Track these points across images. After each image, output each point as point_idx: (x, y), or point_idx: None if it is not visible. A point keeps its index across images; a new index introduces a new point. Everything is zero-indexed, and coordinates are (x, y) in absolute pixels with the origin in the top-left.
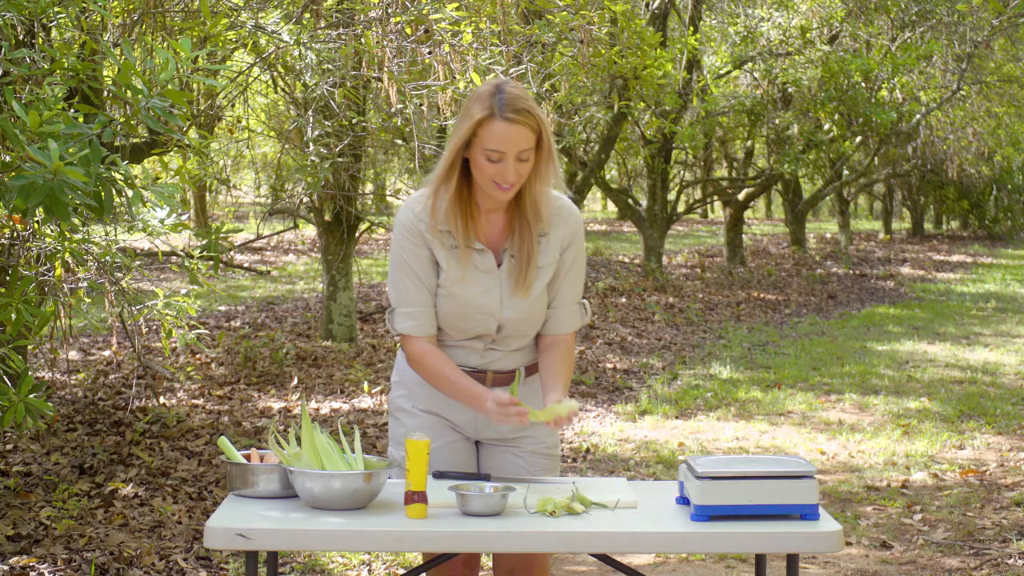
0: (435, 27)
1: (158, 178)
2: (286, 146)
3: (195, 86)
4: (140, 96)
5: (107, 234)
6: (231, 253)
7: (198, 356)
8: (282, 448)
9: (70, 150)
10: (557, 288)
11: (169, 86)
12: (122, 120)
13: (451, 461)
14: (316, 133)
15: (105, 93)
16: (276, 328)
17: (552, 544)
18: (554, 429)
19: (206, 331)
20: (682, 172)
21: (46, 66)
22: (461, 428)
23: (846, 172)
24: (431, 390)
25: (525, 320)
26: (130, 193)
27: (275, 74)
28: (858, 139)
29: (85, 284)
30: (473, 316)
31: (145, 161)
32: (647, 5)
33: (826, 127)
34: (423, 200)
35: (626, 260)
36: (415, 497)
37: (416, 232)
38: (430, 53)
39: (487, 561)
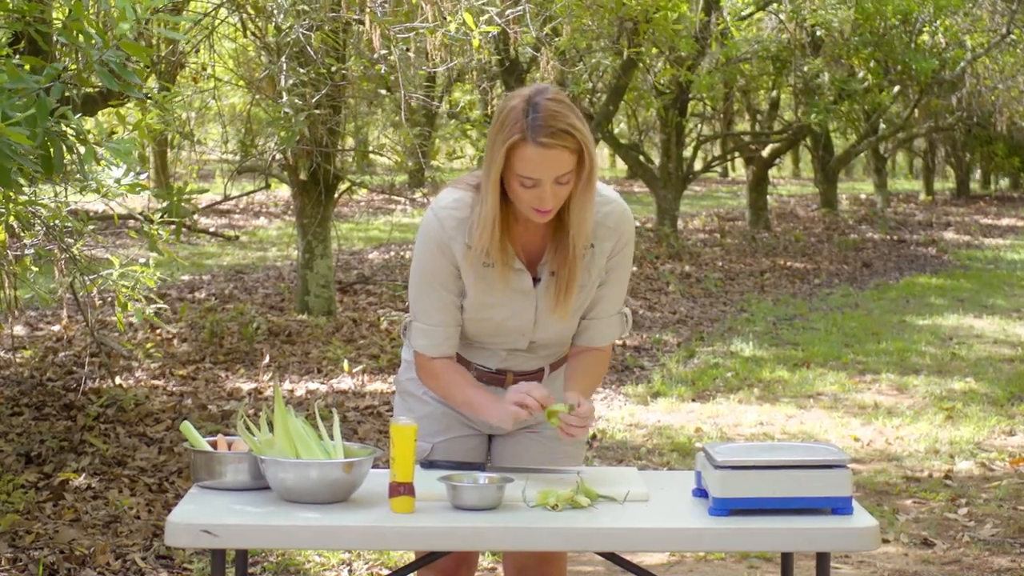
0: None
1: (114, 133)
2: (256, 97)
3: (156, 26)
4: (93, 44)
5: (56, 195)
6: (195, 216)
7: (158, 332)
8: (252, 434)
9: (15, 105)
10: (597, 298)
11: (127, 35)
12: (72, 68)
13: (459, 457)
14: (290, 82)
15: (55, 38)
16: (246, 300)
17: (554, 541)
18: (564, 438)
19: (165, 305)
20: (699, 126)
21: None
22: (473, 421)
23: (882, 126)
24: None
25: (559, 337)
26: (82, 150)
27: (244, 16)
28: (896, 89)
29: (32, 251)
30: (503, 336)
31: (100, 114)
32: None
33: (860, 75)
34: (455, 212)
35: (636, 224)
36: (401, 489)
37: (444, 245)
38: None
39: (483, 561)
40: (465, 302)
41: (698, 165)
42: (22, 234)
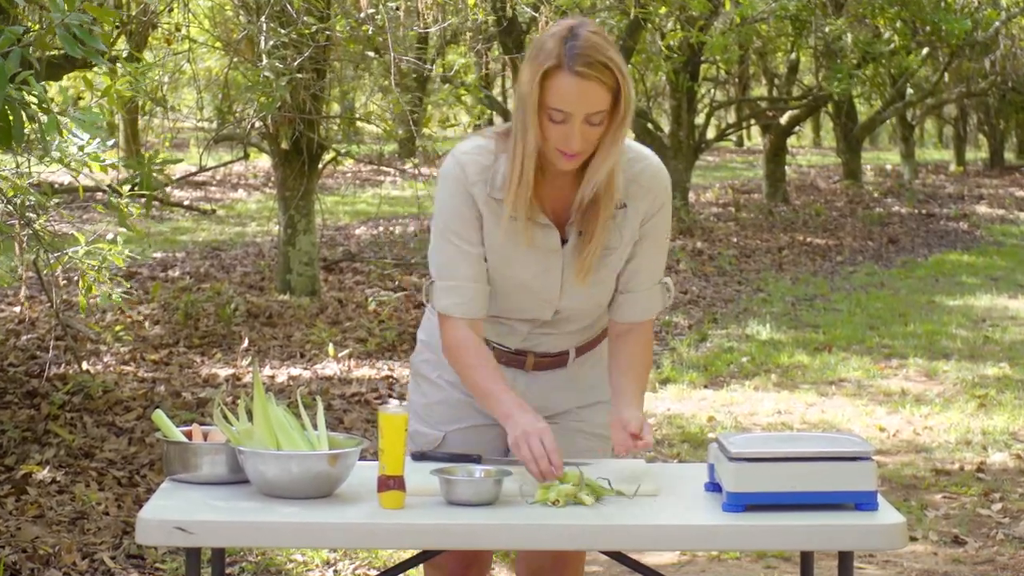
0: None
1: (80, 99)
2: (234, 60)
3: None
4: (57, 5)
5: (18, 166)
6: (168, 188)
7: (128, 314)
8: (230, 424)
9: None
10: (635, 266)
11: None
12: (35, 29)
13: (474, 449)
14: (270, 44)
15: None
16: (223, 279)
17: (556, 539)
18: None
19: (133, 287)
20: (712, 91)
21: None
22: None
23: (910, 91)
24: None
25: (588, 307)
26: (44, 119)
27: None
28: (924, 51)
29: None
30: (525, 301)
31: (65, 79)
32: None
33: (886, 36)
34: (478, 158)
35: None
36: (390, 483)
37: (466, 192)
38: None
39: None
40: (488, 257)
41: (711, 133)
42: None
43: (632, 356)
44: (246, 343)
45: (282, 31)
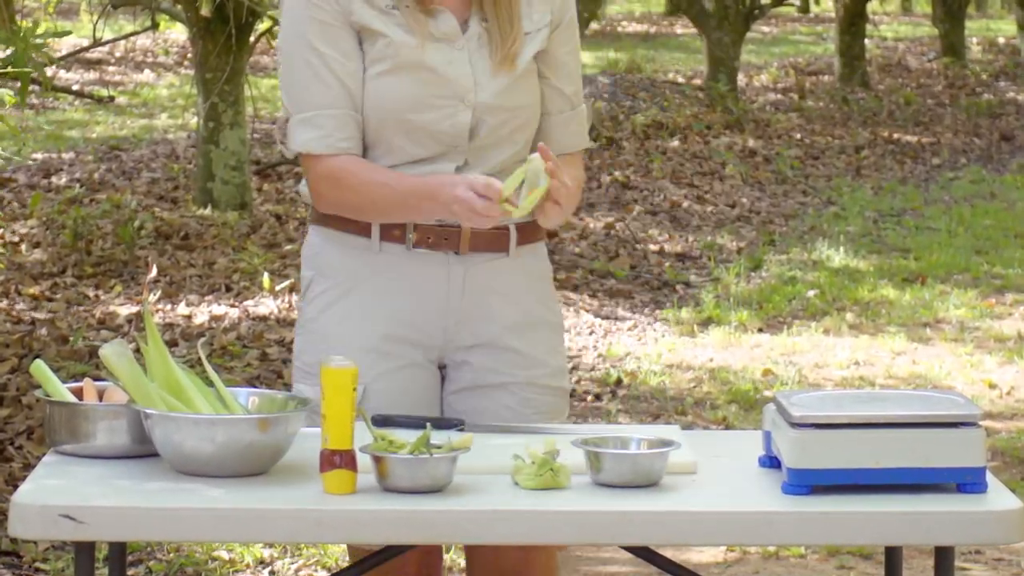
0: None
1: None
2: None
3: None
4: None
5: None
6: (52, 69)
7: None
8: (136, 378)
9: None
10: (552, 82)
11: None
12: None
13: (405, 397)
14: None
15: None
16: (124, 188)
17: (562, 531)
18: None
19: (9, 194)
20: None
21: None
22: (419, 334)
23: None
24: (368, 268)
25: (512, 109)
26: None
27: None
28: None
29: None
30: (434, 101)
31: None
32: None
33: None
34: None
35: (680, 80)
36: (336, 460)
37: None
38: None
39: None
40: (376, 49)
41: None
42: None
43: (575, 171)
44: (154, 272)
45: None
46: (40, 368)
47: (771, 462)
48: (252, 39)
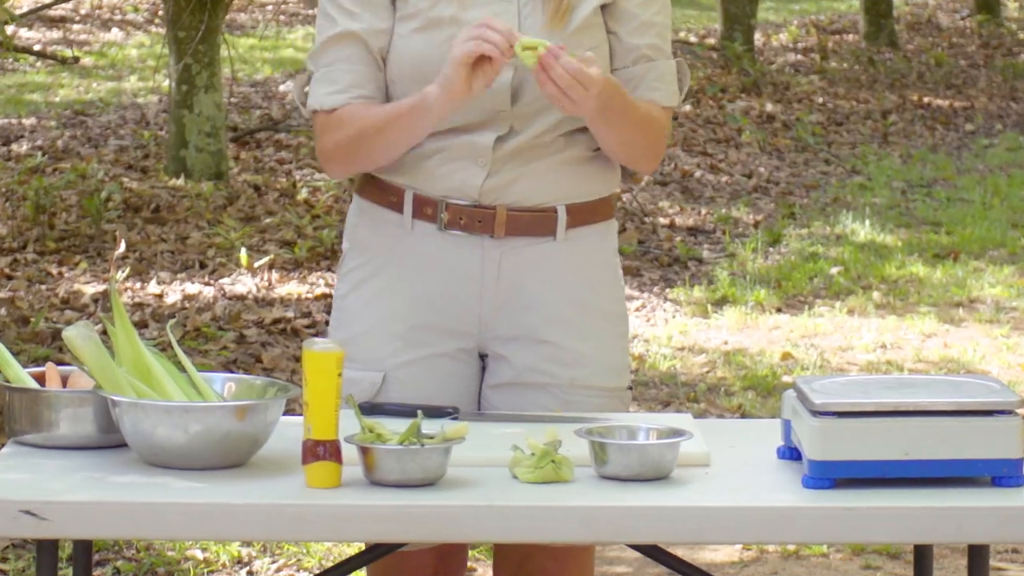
0: None
1: None
2: None
3: None
4: None
5: None
6: (11, 28)
7: None
8: (102, 363)
9: None
10: (621, 35)
11: None
12: None
13: (429, 389)
14: None
15: None
16: (90, 156)
17: (562, 528)
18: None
19: None
20: None
21: None
22: (451, 321)
23: None
24: (400, 246)
25: None
26: None
27: None
28: None
29: None
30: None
31: None
32: None
33: None
34: None
35: (692, 40)
36: (319, 451)
37: None
38: None
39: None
40: (409, 4)
41: None
42: None
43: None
44: (122, 248)
45: None
46: None
47: (791, 453)
48: None
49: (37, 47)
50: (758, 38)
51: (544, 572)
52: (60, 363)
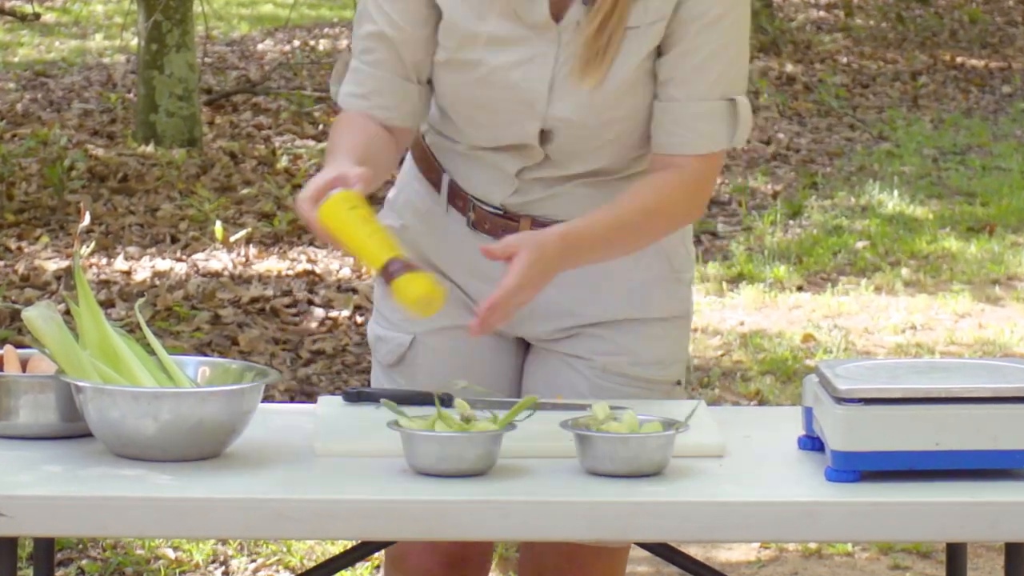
0: None
1: None
2: None
3: None
4: None
5: None
6: None
7: None
8: (65, 345)
9: None
10: (683, 64)
11: None
12: None
13: (456, 358)
14: None
15: None
16: (52, 121)
17: (564, 525)
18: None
19: None
20: None
21: None
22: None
23: None
24: (436, 221)
25: (593, 126)
26: None
27: None
28: None
29: None
30: (498, 105)
31: None
32: None
33: None
34: None
35: None
36: (392, 269)
37: None
38: None
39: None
40: (440, 36)
41: None
42: None
43: (638, 192)
44: (87, 220)
45: None
46: None
47: (812, 444)
48: None
49: None
50: None
51: (564, 559)
52: (19, 345)
